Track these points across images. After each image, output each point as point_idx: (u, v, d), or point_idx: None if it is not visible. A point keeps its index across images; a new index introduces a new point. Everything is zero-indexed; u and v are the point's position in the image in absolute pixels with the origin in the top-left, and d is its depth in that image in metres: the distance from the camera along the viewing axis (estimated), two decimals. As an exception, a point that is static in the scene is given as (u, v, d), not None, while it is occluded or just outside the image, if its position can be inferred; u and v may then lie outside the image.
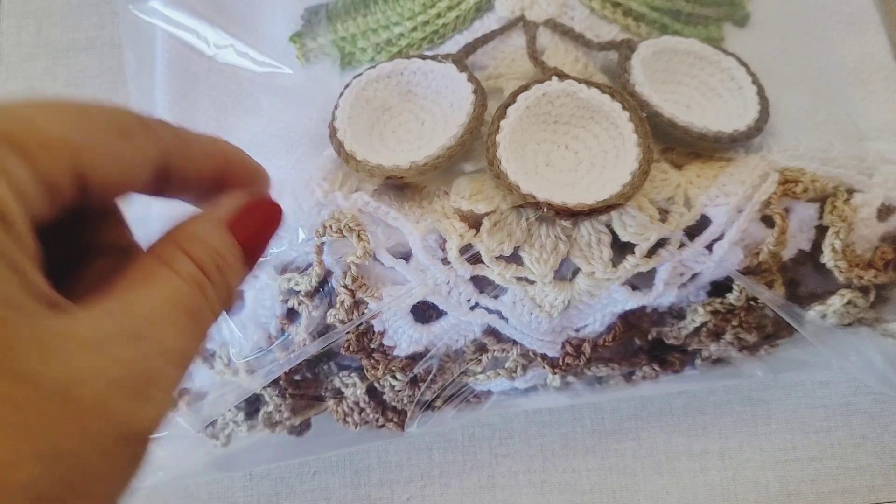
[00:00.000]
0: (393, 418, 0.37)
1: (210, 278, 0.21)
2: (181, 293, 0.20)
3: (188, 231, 0.22)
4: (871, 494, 0.39)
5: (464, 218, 0.32)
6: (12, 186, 0.17)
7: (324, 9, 0.39)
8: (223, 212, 0.22)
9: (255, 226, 0.23)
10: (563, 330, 0.35)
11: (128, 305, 0.19)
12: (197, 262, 0.21)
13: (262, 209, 0.23)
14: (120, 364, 0.18)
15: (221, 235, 0.22)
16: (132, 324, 0.19)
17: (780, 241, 0.33)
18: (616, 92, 0.33)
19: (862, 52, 0.38)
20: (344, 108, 0.34)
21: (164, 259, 0.21)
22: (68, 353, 0.17)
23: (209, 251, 0.21)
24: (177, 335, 0.19)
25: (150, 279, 0.20)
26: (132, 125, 0.20)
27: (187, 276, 0.20)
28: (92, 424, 0.17)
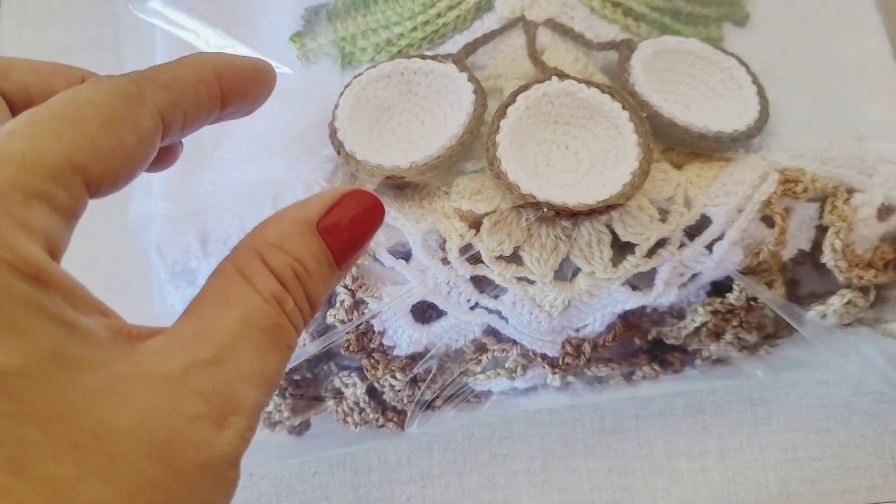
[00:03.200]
0: (393, 418, 0.37)
1: (290, 290, 0.20)
2: (259, 312, 0.19)
3: (270, 237, 0.20)
4: (871, 494, 0.39)
5: (464, 218, 0.32)
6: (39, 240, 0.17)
7: (324, 9, 0.39)
8: (312, 211, 0.21)
9: (347, 222, 0.21)
10: (563, 330, 0.35)
11: (204, 329, 0.19)
12: (276, 274, 0.20)
13: (357, 203, 0.21)
14: (195, 395, 0.18)
15: (307, 242, 0.21)
16: (208, 351, 0.18)
17: (780, 241, 0.33)
18: (616, 92, 0.33)
19: (862, 52, 0.38)
20: (344, 107, 0.34)
21: (243, 271, 0.20)
22: (137, 393, 0.17)
23: (290, 261, 0.20)
24: (255, 357, 0.19)
25: (228, 297, 0.19)
26: (122, 112, 0.19)
27: (265, 291, 0.20)
28: (172, 458, 0.17)
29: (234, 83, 0.22)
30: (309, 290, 0.20)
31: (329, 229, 0.21)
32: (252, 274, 0.20)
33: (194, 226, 0.34)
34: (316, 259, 0.21)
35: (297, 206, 0.21)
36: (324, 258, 0.21)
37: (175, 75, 0.21)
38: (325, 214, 0.21)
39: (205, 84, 0.22)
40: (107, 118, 0.19)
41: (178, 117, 0.21)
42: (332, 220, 0.21)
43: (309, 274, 0.20)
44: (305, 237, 0.21)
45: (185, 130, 0.22)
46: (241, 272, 0.20)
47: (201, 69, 0.22)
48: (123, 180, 0.20)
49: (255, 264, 0.20)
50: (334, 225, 0.21)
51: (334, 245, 0.21)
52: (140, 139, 0.20)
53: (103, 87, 0.19)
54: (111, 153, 0.19)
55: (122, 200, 0.46)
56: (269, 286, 0.20)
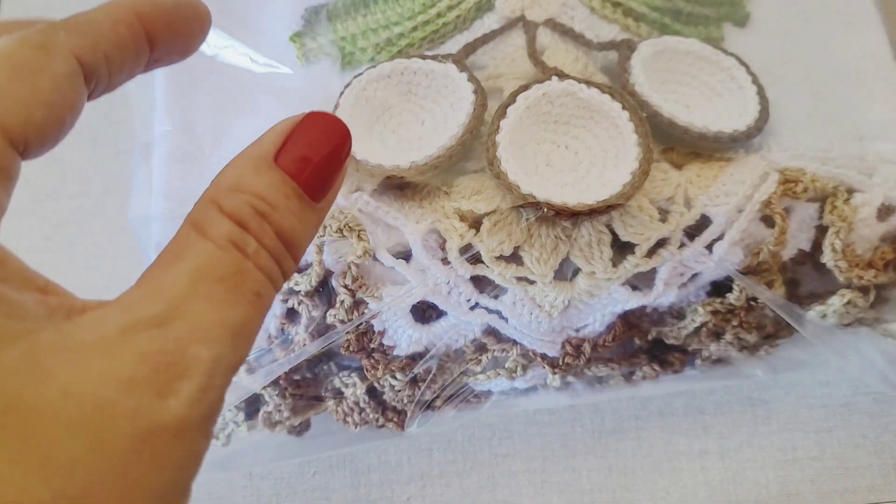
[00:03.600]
0: (393, 418, 0.37)
1: (251, 230, 0.18)
2: (213, 260, 0.17)
3: (223, 182, 0.19)
4: (871, 494, 0.39)
5: (464, 218, 0.32)
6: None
7: (324, 9, 0.39)
8: (265, 145, 0.19)
9: (311, 149, 0.19)
10: (563, 330, 0.35)
11: (151, 289, 0.17)
12: (233, 217, 0.18)
13: (314, 127, 0.19)
14: (134, 358, 0.16)
15: (262, 174, 0.19)
16: (152, 310, 0.16)
17: (780, 241, 0.33)
18: (616, 92, 0.33)
19: (862, 52, 0.38)
20: (344, 107, 0.34)
21: (197, 225, 0.18)
22: (61, 363, 0.15)
23: (247, 199, 0.18)
24: (210, 309, 0.17)
25: (180, 253, 0.18)
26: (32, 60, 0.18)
27: (220, 238, 0.18)
28: (98, 430, 0.15)
29: (158, 20, 0.21)
30: (280, 226, 0.18)
31: (291, 160, 0.19)
32: (206, 224, 0.18)
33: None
34: (279, 191, 0.19)
35: (250, 145, 0.19)
36: (290, 190, 0.19)
37: (88, 18, 0.20)
38: (282, 146, 0.19)
39: (123, 24, 0.20)
40: (16, 69, 0.18)
41: (99, 60, 0.20)
42: (291, 150, 0.19)
43: (275, 209, 0.18)
44: (262, 172, 0.19)
45: (114, 74, 0.20)
46: (195, 225, 0.18)
47: (118, 10, 0.20)
48: (52, 132, 0.18)
49: (211, 213, 0.18)
50: (295, 154, 0.19)
51: (301, 175, 0.19)
52: (57, 86, 0.18)
53: (10, 40, 0.18)
54: (28, 105, 0.18)
55: (121, 200, 0.46)
56: (224, 231, 0.18)
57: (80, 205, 0.48)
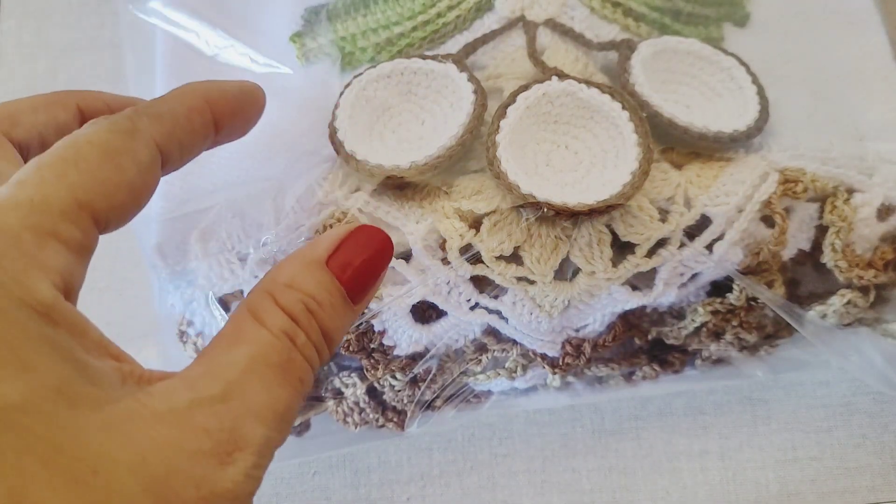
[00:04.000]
0: (393, 418, 0.37)
1: (301, 325, 0.20)
2: (268, 348, 0.20)
3: (280, 277, 0.21)
4: (871, 494, 0.39)
5: (464, 218, 0.32)
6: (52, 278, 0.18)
7: (324, 9, 0.39)
8: (320, 250, 0.22)
9: (358, 258, 0.22)
10: (563, 330, 0.35)
11: (212, 368, 0.19)
12: (287, 311, 0.20)
13: (364, 239, 0.22)
14: (199, 432, 0.18)
15: (315, 276, 0.21)
16: (215, 387, 0.18)
17: (780, 241, 0.33)
18: (616, 92, 0.33)
19: (862, 52, 0.38)
20: (344, 107, 0.34)
21: (255, 313, 0.20)
22: (139, 430, 0.17)
23: (300, 297, 0.21)
24: (263, 392, 0.19)
25: (238, 337, 0.20)
26: (120, 146, 0.20)
27: (275, 328, 0.20)
28: (170, 494, 0.17)
29: (225, 108, 0.23)
30: (323, 324, 0.21)
31: (339, 265, 0.21)
32: (263, 314, 0.20)
33: (194, 226, 0.34)
34: (327, 292, 0.21)
35: (306, 247, 0.22)
36: (336, 292, 0.21)
37: (169, 107, 0.22)
38: (335, 251, 0.21)
39: (197, 112, 0.22)
40: (106, 154, 0.20)
41: (174, 146, 0.22)
42: (342, 256, 0.21)
43: (322, 307, 0.21)
44: (315, 273, 0.21)
45: (184, 158, 0.23)
46: (253, 313, 0.20)
47: (192, 98, 0.23)
48: (130, 212, 0.20)
49: (267, 304, 0.20)
50: (344, 260, 0.21)
51: (346, 280, 0.21)
52: (140, 170, 0.20)
53: (100, 126, 0.20)
54: (114, 187, 0.20)
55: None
56: (278, 323, 0.20)
57: (80, 205, 0.48)
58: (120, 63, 0.39)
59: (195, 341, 0.35)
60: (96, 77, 0.50)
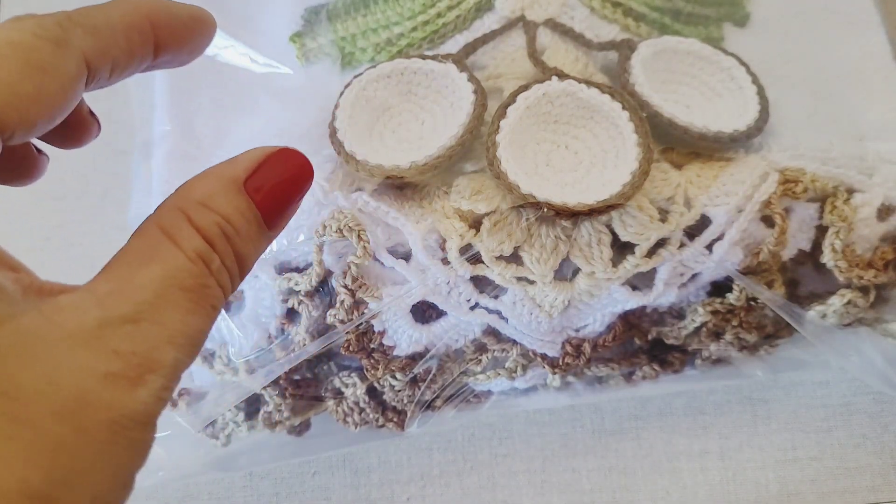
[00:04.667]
0: (393, 418, 0.37)
1: (216, 249, 0.19)
2: (183, 271, 0.19)
3: (195, 195, 0.20)
4: (871, 494, 0.39)
5: (464, 218, 0.32)
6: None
7: (324, 9, 0.39)
8: (239, 169, 0.20)
9: (277, 182, 0.20)
10: (563, 330, 0.35)
11: (123, 287, 0.18)
12: (203, 232, 0.19)
13: (285, 162, 0.21)
14: (110, 354, 0.17)
15: (233, 199, 0.20)
16: (126, 308, 0.18)
17: (780, 241, 0.33)
18: (616, 92, 0.33)
19: (862, 52, 0.38)
20: (344, 107, 0.34)
21: (168, 231, 0.19)
22: (47, 350, 0.16)
23: (217, 219, 0.19)
24: (178, 316, 0.18)
25: (150, 255, 0.19)
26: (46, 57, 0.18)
27: (191, 250, 0.19)
28: (81, 418, 0.16)
29: (170, 31, 0.21)
30: (238, 250, 0.20)
31: (257, 188, 0.20)
32: (176, 232, 0.19)
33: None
34: (244, 218, 0.20)
35: (223, 164, 0.20)
36: (252, 218, 0.20)
37: (106, 19, 0.20)
38: (253, 173, 0.20)
39: (137, 31, 0.21)
40: (28, 63, 0.18)
41: (105, 64, 0.20)
42: (260, 179, 0.20)
43: (238, 233, 0.20)
44: (232, 195, 0.20)
45: (113, 78, 0.21)
46: (165, 230, 0.19)
47: (135, 14, 0.21)
48: (40, 128, 0.19)
49: (180, 222, 0.19)
50: (262, 184, 0.20)
51: (263, 205, 0.20)
52: (62, 87, 0.19)
53: (26, 27, 0.19)
54: (30, 100, 0.18)
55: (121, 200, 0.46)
56: (194, 245, 0.19)
57: (79, 205, 0.48)
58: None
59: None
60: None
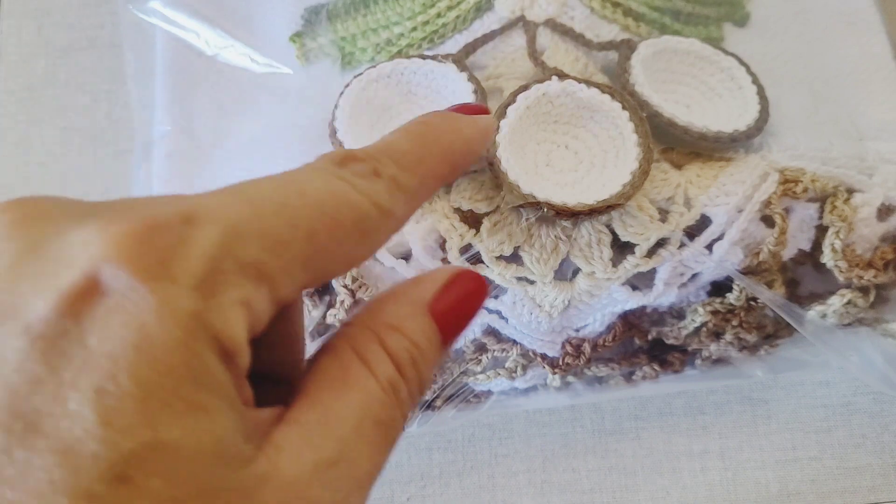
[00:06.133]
0: (393, 418, 0.37)
1: (405, 376, 0.19)
2: (377, 402, 0.18)
3: (387, 317, 0.19)
4: (871, 494, 0.39)
5: (464, 218, 0.32)
6: (250, 322, 0.16)
7: (324, 9, 0.39)
8: (426, 293, 0.20)
9: (457, 305, 0.20)
10: (563, 330, 0.35)
11: (328, 418, 0.17)
12: (394, 359, 0.19)
13: (466, 285, 0.20)
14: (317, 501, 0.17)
15: (422, 324, 0.19)
16: (330, 447, 0.17)
17: (780, 241, 0.33)
18: (616, 92, 0.33)
19: (862, 52, 0.38)
20: (344, 107, 0.34)
21: (361, 354, 0.18)
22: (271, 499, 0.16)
23: (407, 345, 0.19)
24: (369, 457, 0.18)
25: (347, 382, 0.18)
26: (372, 218, 0.18)
27: (384, 378, 0.18)
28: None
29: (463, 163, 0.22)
30: (423, 375, 0.19)
31: (441, 311, 0.20)
32: (370, 357, 0.18)
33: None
34: (430, 342, 0.19)
35: (410, 286, 0.20)
36: (436, 340, 0.20)
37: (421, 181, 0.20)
38: (438, 296, 0.20)
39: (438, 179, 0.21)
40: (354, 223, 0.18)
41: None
42: (445, 302, 0.20)
43: (423, 358, 0.19)
44: (420, 319, 0.19)
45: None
46: (359, 354, 0.18)
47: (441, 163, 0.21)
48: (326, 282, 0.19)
49: (374, 347, 0.19)
50: (446, 305, 0.20)
51: (444, 326, 0.20)
52: (372, 250, 0.19)
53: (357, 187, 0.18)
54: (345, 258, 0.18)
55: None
56: (387, 372, 0.18)
57: (80, 205, 0.48)
58: (120, 63, 0.39)
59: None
60: (96, 77, 0.50)
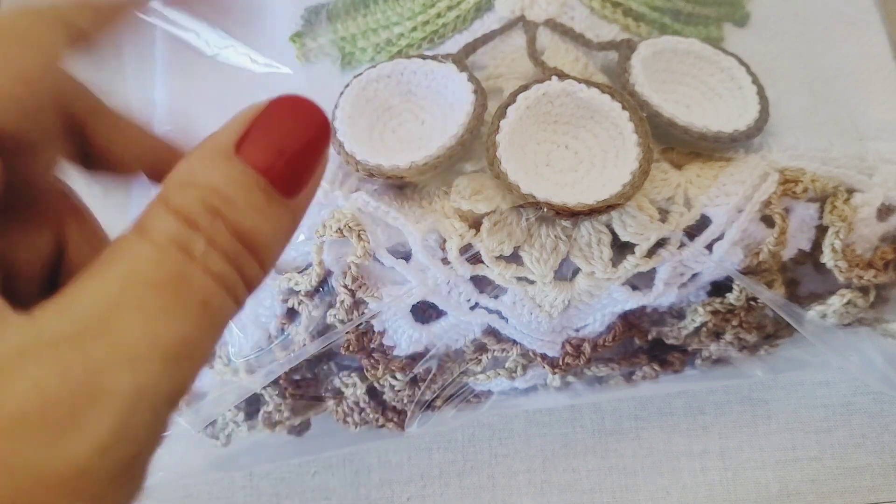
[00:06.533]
0: (393, 418, 0.37)
1: (200, 228, 0.15)
2: (148, 264, 0.14)
3: (173, 178, 0.16)
4: (871, 494, 0.39)
5: (464, 218, 0.32)
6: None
7: (324, 9, 0.39)
8: (223, 135, 0.16)
9: (279, 138, 0.16)
10: (563, 330, 0.35)
11: (69, 302, 0.14)
12: (179, 213, 0.15)
13: (285, 113, 0.17)
14: (24, 392, 0.13)
15: (224, 169, 0.16)
16: (63, 326, 0.13)
17: (780, 241, 0.33)
18: (616, 92, 0.33)
19: (862, 52, 0.38)
20: (344, 108, 0.34)
21: (140, 226, 0.15)
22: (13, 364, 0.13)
23: (199, 194, 0.15)
24: (138, 323, 0.14)
25: (111, 258, 0.15)
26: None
27: (161, 237, 0.15)
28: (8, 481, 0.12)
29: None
30: (239, 225, 0.15)
31: (254, 151, 0.16)
32: (147, 223, 0.15)
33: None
34: (238, 185, 0.15)
35: (207, 137, 0.16)
36: (252, 184, 0.16)
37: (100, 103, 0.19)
38: (245, 135, 0.16)
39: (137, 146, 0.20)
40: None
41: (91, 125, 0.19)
42: (255, 139, 0.16)
43: (233, 204, 0.15)
44: (218, 164, 0.16)
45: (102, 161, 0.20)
46: (137, 226, 0.15)
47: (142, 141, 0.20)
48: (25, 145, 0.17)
49: (155, 211, 0.15)
50: (259, 143, 0.16)
51: (268, 168, 0.16)
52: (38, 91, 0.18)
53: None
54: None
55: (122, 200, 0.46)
56: (164, 228, 0.15)
57: (80, 205, 0.48)
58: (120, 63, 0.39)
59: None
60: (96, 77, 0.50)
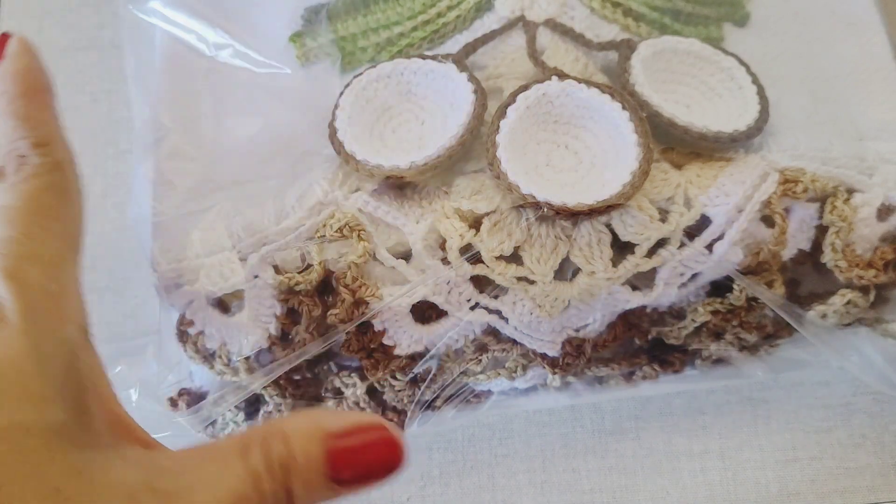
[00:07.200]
0: (393, 418, 0.37)
1: (271, 475, 0.20)
2: (235, 475, 0.20)
3: (284, 425, 0.21)
4: (871, 494, 0.39)
5: (464, 218, 0.32)
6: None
7: (324, 8, 0.39)
8: (330, 424, 0.21)
9: (353, 451, 0.21)
10: (563, 330, 0.35)
11: (182, 466, 0.20)
12: (267, 456, 0.20)
13: (368, 438, 0.21)
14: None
15: (309, 445, 0.21)
16: (169, 485, 0.19)
17: (780, 241, 0.33)
18: (616, 92, 0.33)
19: (862, 52, 0.38)
20: (344, 107, 0.34)
21: (244, 441, 0.21)
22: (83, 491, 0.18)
23: (284, 452, 0.20)
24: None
25: (217, 455, 0.20)
26: None
27: (251, 463, 0.20)
28: None
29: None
30: (291, 486, 0.20)
31: (339, 448, 0.21)
32: (249, 445, 0.20)
33: (195, 225, 0.34)
34: (309, 462, 0.20)
35: (322, 412, 0.23)
36: (318, 466, 0.20)
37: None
38: (339, 433, 0.21)
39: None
40: None
41: None
42: (341, 442, 0.21)
43: (295, 472, 0.20)
44: (308, 439, 0.21)
45: None
46: (241, 441, 0.21)
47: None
48: None
49: (254, 441, 0.20)
50: (345, 445, 0.21)
51: (338, 463, 0.21)
52: None
53: None
54: None
55: (122, 200, 0.46)
56: (254, 461, 0.20)
57: (80, 205, 0.48)
58: (120, 63, 0.39)
59: (195, 341, 0.35)
60: (96, 77, 0.50)
